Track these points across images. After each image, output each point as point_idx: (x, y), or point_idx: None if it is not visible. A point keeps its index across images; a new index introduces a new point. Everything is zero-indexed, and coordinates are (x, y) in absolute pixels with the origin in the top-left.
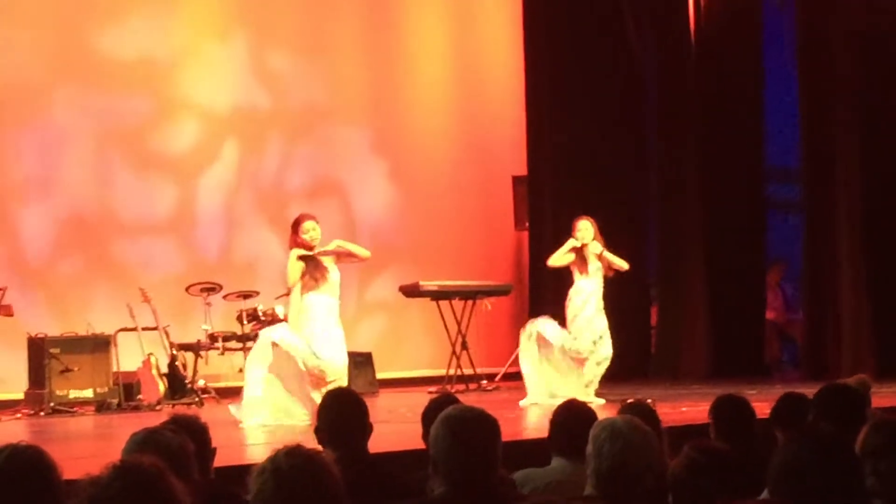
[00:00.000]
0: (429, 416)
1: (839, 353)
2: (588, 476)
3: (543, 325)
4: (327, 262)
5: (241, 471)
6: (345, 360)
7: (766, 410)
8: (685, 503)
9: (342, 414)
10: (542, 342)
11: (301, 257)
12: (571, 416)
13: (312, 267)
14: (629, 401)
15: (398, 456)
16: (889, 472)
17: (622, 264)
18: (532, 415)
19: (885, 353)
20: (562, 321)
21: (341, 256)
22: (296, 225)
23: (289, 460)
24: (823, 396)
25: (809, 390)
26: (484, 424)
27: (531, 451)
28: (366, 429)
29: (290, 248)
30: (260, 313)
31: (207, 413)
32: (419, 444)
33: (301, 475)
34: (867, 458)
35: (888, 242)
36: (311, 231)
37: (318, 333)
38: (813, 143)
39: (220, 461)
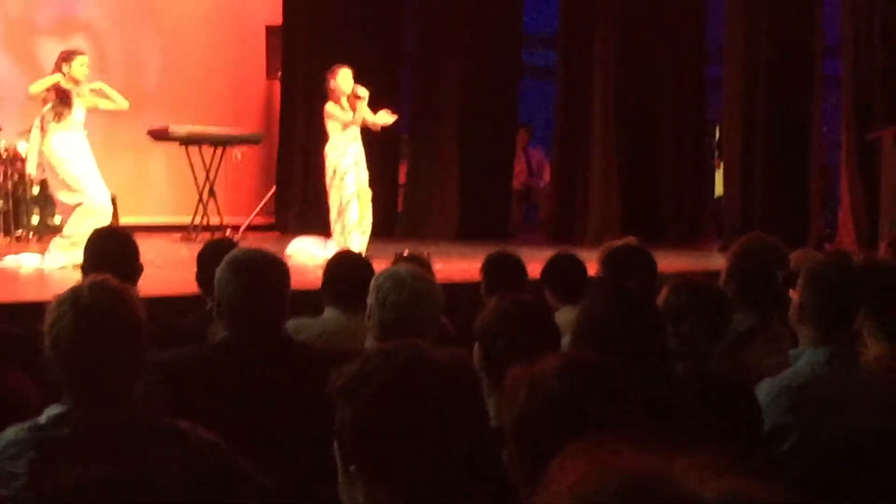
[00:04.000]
0: (205, 258)
1: (585, 219)
2: (370, 328)
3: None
4: (78, 100)
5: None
6: (108, 195)
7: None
8: (494, 353)
9: (110, 253)
10: None
11: (61, 90)
12: (346, 266)
13: (60, 101)
14: (405, 253)
15: (164, 300)
16: (690, 333)
17: (383, 121)
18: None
19: (630, 221)
20: (313, 175)
21: (100, 96)
22: (68, 56)
23: (92, 292)
24: (612, 255)
25: (553, 253)
26: (274, 268)
27: (301, 301)
28: (135, 269)
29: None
30: (1, 150)
31: None
32: (181, 290)
33: (102, 309)
34: (668, 320)
35: (639, 112)
36: (84, 66)
37: (78, 171)
38: (570, 10)
39: None
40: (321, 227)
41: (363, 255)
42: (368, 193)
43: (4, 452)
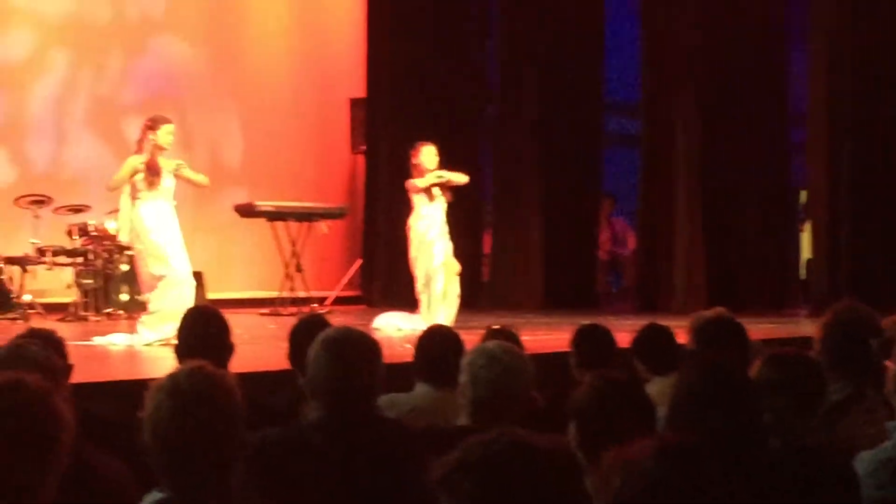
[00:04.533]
0: (297, 335)
1: (671, 287)
2: (462, 406)
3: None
4: (165, 168)
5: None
6: (189, 268)
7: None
8: (589, 434)
9: (204, 331)
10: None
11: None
12: (437, 341)
13: (150, 171)
14: (494, 327)
15: (253, 377)
16: (785, 407)
17: (461, 178)
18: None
19: (716, 289)
20: (399, 248)
21: (178, 179)
22: (154, 124)
23: (189, 379)
24: (704, 327)
25: (640, 323)
26: (366, 346)
27: (389, 374)
28: (228, 348)
29: (138, 149)
30: (90, 228)
31: None
32: (270, 366)
33: (200, 396)
34: (762, 394)
35: (723, 178)
36: (170, 135)
37: (164, 241)
38: (653, 77)
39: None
40: (407, 299)
41: (453, 330)
42: (455, 266)
43: None
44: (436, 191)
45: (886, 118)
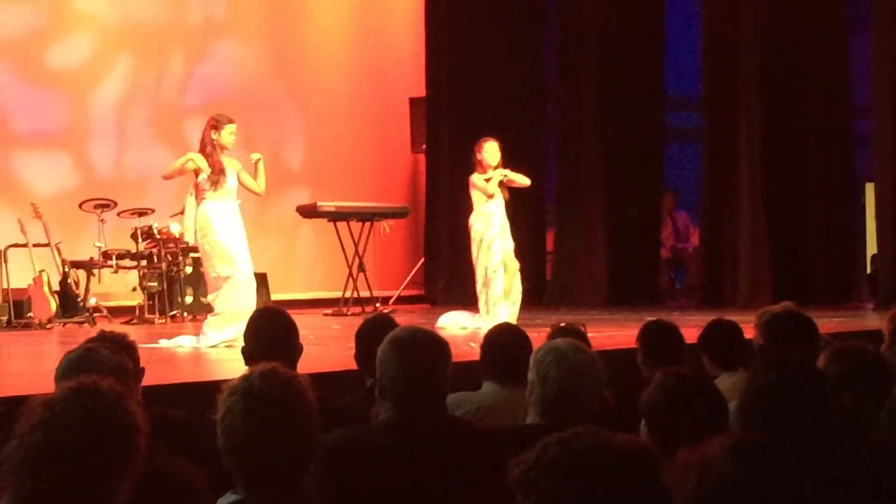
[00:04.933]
0: (365, 335)
1: (735, 281)
2: (531, 404)
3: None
4: (229, 167)
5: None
6: (251, 269)
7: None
8: (661, 431)
9: (272, 333)
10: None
11: (212, 160)
12: (505, 339)
13: (214, 170)
14: (561, 324)
15: (320, 377)
16: (853, 402)
17: (524, 180)
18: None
19: (781, 283)
20: (461, 246)
21: (239, 183)
22: (218, 123)
23: (263, 382)
24: (772, 322)
25: (706, 318)
26: (435, 346)
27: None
28: (296, 349)
29: (202, 148)
30: (155, 231)
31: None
32: (336, 366)
33: (274, 399)
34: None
35: (786, 172)
36: (232, 135)
37: (227, 241)
38: (714, 71)
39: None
40: (470, 297)
41: (520, 328)
42: (516, 264)
43: None
44: (496, 188)
45: None
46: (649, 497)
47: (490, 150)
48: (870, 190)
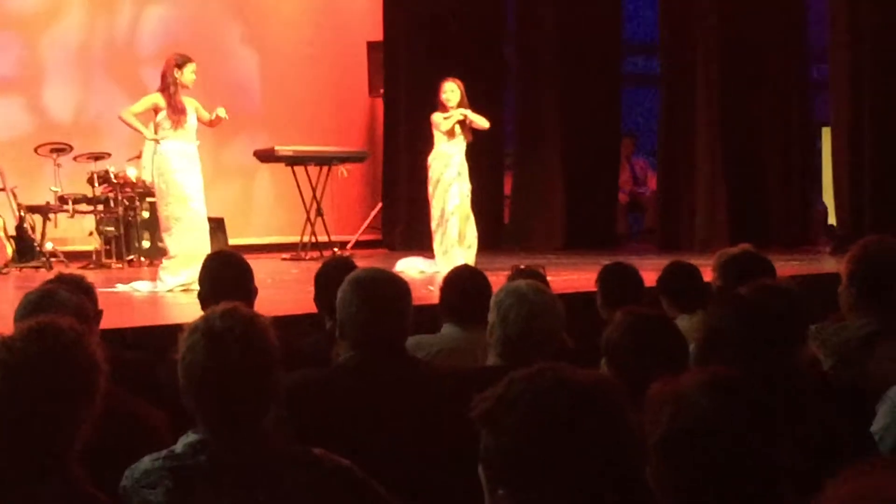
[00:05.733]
0: (324, 278)
1: (692, 226)
2: (491, 345)
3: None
4: (189, 105)
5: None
6: (205, 211)
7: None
8: (622, 370)
9: (226, 276)
10: None
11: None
12: (464, 281)
13: (174, 109)
14: (521, 266)
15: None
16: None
17: (483, 122)
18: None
19: (738, 227)
20: (419, 191)
21: (200, 121)
22: (181, 62)
23: (224, 321)
24: (730, 263)
25: (663, 262)
26: (395, 286)
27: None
28: (251, 292)
29: (163, 87)
30: (111, 175)
31: None
32: (295, 310)
33: (235, 337)
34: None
35: (744, 116)
36: (193, 74)
37: (185, 180)
38: (671, 15)
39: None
40: (428, 242)
41: (480, 271)
42: (468, 209)
43: (142, 481)
44: (457, 129)
45: None
46: (618, 432)
47: (451, 90)
48: (826, 134)
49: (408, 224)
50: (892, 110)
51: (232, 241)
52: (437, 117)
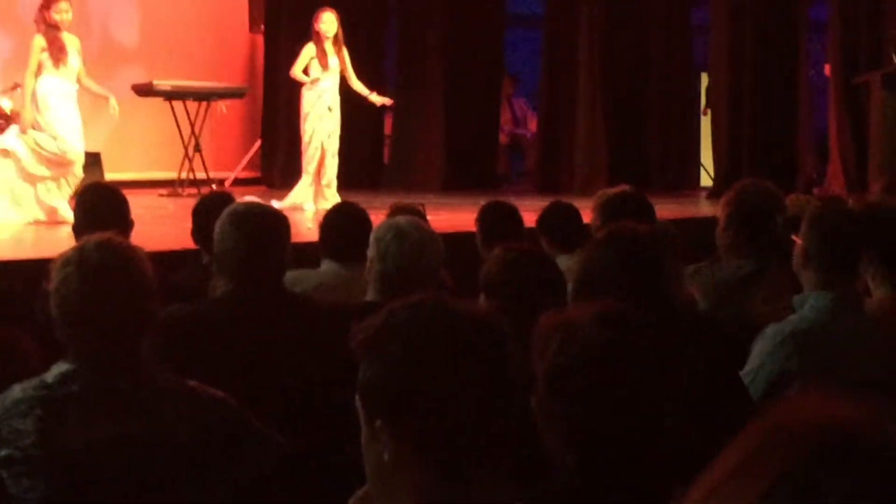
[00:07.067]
0: (202, 212)
1: (572, 167)
2: (370, 281)
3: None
4: (70, 46)
5: None
6: (83, 147)
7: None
8: (500, 304)
9: (101, 207)
10: None
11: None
12: (344, 218)
13: (53, 47)
14: (400, 204)
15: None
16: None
17: (350, 74)
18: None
19: (618, 169)
20: (298, 131)
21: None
22: (49, 2)
23: (98, 251)
24: (608, 203)
25: (543, 203)
26: (273, 219)
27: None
28: (128, 224)
29: (38, 29)
30: None
31: None
32: (172, 245)
33: (110, 267)
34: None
35: (625, 59)
36: (67, 13)
37: (61, 117)
38: None
39: None
40: None
41: (360, 207)
42: (335, 145)
43: (12, 410)
44: (332, 61)
45: None
46: (497, 359)
47: (327, 21)
48: (705, 79)
49: (287, 161)
50: (771, 55)
51: (109, 176)
52: (306, 51)
